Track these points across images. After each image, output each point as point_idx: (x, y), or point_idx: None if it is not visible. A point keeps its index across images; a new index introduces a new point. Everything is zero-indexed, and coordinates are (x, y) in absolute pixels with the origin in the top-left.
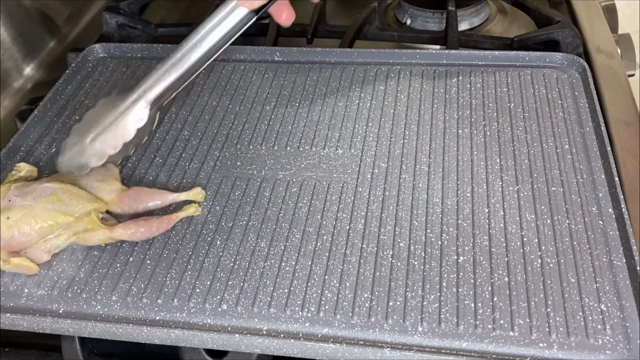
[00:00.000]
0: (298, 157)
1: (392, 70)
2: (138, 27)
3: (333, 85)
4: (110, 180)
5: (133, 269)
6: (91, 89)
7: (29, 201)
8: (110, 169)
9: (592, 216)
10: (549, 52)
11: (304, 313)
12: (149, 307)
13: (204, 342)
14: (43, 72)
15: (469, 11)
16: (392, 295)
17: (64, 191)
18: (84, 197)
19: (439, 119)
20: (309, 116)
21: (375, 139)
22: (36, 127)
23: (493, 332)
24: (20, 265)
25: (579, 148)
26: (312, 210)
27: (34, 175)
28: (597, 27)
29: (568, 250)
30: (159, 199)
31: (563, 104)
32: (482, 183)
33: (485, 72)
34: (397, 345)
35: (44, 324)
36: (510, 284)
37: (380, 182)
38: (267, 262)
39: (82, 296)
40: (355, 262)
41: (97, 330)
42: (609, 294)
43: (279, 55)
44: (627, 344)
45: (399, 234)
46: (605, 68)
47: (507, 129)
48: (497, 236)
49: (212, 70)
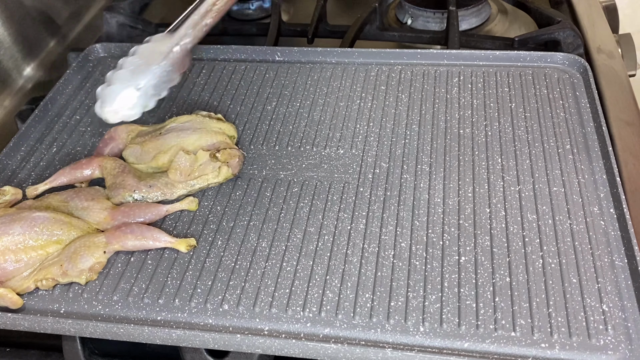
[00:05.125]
0: (299, 157)
1: (393, 70)
2: (138, 27)
3: (334, 85)
4: (100, 199)
5: (134, 269)
6: (92, 88)
7: (18, 230)
8: (99, 189)
9: (594, 216)
10: (550, 52)
11: (306, 313)
12: (150, 307)
13: (206, 342)
14: (43, 72)
15: (470, 11)
16: (394, 295)
17: (55, 221)
18: (75, 225)
19: (440, 119)
20: (310, 116)
21: (376, 139)
22: (37, 127)
23: (495, 332)
24: (4, 297)
25: (580, 148)
26: (313, 210)
27: (18, 198)
28: (598, 27)
29: (569, 250)
30: (152, 212)
31: (564, 104)
32: (483, 183)
33: (487, 72)
34: (399, 346)
35: (45, 324)
36: (511, 284)
37: (381, 182)
38: (269, 262)
39: (83, 296)
40: (356, 262)
41: (98, 330)
42: (611, 294)
43: (279, 55)
44: (628, 344)
45: (401, 234)
46: (606, 68)
47: (508, 129)
48: (499, 236)
49: (213, 70)
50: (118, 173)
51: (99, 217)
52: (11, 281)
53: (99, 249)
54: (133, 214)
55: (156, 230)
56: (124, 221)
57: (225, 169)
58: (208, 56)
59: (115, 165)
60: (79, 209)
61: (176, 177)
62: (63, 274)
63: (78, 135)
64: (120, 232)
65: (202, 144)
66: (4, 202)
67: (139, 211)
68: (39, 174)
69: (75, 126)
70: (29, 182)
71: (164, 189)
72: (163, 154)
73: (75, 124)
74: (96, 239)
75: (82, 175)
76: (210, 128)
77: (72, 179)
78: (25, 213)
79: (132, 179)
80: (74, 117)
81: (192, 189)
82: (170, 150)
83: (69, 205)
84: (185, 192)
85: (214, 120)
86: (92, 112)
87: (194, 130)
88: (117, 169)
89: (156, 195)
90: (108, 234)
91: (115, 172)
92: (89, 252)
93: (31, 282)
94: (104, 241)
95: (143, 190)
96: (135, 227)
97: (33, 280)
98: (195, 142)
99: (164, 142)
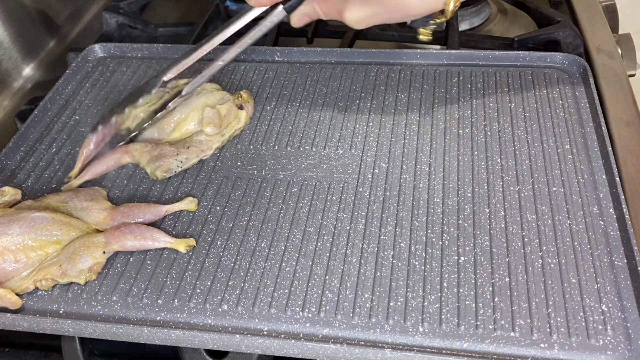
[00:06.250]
0: (299, 157)
1: (393, 70)
2: (138, 27)
3: (333, 85)
4: (100, 200)
5: (133, 269)
6: (91, 88)
7: (17, 230)
8: (98, 189)
9: (593, 216)
10: (549, 52)
11: (305, 313)
12: (149, 307)
13: (205, 342)
14: (43, 72)
15: (470, 11)
16: (393, 295)
17: (54, 221)
18: (74, 226)
19: (440, 119)
20: (310, 116)
21: (375, 139)
22: (36, 127)
23: (494, 332)
24: (3, 298)
25: (579, 148)
26: (312, 211)
27: (17, 198)
28: (597, 27)
29: (569, 250)
30: (152, 212)
31: (564, 104)
32: (482, 183)
33: (486, 72)
34: (398, 346)
35: (44, 324)
36: (511, 284)
37: (381, 182)
38: (268, 263)
39: (83, 296)
40: (355, 262)
41: (98, 330)
42: (610, 294)
43: (279, 55)
44: (628, 345)
45: (400, 234)
46: (605, 68)
47: (507, 129)
48: (498, 236)
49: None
50: (152, 148)
51: (98, 218)
52: (10, 281)
53: (98, 249)
54: (132, 214)
55: (155, 231)
56: (123, 221)
57: (244, 114)
58: (207, 56)
59: (143, 144)
60: (78, 209)
61: (212, 130)
62: (62, 274)
63: (78, 135)
64: (119, 232)
65: (213, 100)
66: (3, 202)
67: (138, 211)
68: (39, 174)
69: (75, 126)
70: (29, 182)
71: (201, 145)
72: (184, 121)
73: (75, 124)
74: (95, 239)
75: (112, 164)
76: (208, 89)
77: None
78: (25, 213)
79: (168, 147)
80: (74, 117)
81: (223, 140)
82: (191, 114)
83: (68, 205)
84: (219, 145)
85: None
86: (92, 112)
87: (198, 95)
88: (147, 146)
89: (195, 153)
90: (107, 234)
91: (147, 148)
92: (88, 253)
93: (30, 282)
94: (103, 241)
95: (183, 152)
96: (135, 227)
97: (32, 280)
98: (207, 101)
99: (178, 112)
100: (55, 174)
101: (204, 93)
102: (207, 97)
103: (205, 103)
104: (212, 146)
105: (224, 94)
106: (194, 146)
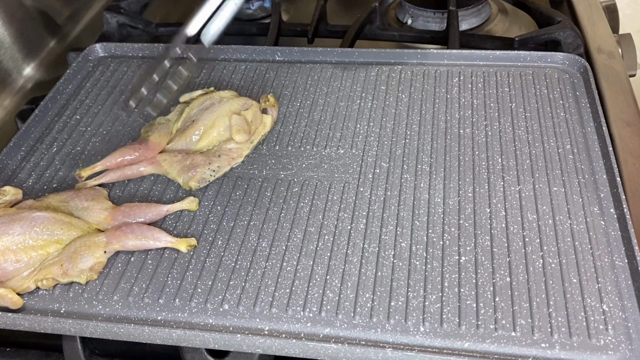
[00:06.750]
0: (299, 157)
1: (394, 70)
2: (139, 27)
3: (334, 85)
4: (101, 199)
5: (134, 268)
6: (92, 88)
7: (18, 230)
8: (99, 189)
9: (594, 216)
10: (550, 52)
11: (306, 313)
12: (150, 307)
13: (206, 342)
14: (43, 71)
15: (470, 11)
16: (394, 295)
17: (55, 221)
18: (75, 225)
19: (441, 119)
20: (310, 116)
21: (376, 138)
22: (37, 126)
23: (495, 332)
24: (4, 297)
25: (580, 148)
26: (313, 210)
27: (18, 198)
28: (598, 27)
29: (570, 250)
30: (153, 212)
31: (564, 104)
32: (483, 183)
33: (487, 72)
34: (399, 346)
35: (45, 324)
36: (512, 284)
37: (381, 182)
38: (269, 262)
39: (84, 296)
40: (356, 262)
41: (99, 330)
42: (611, 294)
43: (280, 55)
44: (629, 344)
45: (401, 233)
46: (606, 68)
47: (508, 129)
48: (499, 236)
49: (213, 69)
50: (182, 157)
51: (99, 217)
52: (11, 281)
53: (100, 248)
54: (133, 214)
55: (156, 230)
56: (124, 221)
57: (269, 118)
58: (208, 56)
59: (172, 154)
60: (79, 209)
61: (243, 138)
62: (63, 274)
63: (78, 135)
64: (120, 231)
65: (237, 107)
66: (4, 202)
67: (139, 211)
68: (39, 174)
69: (75, 126)
70: (30, 182)
71: (231, 154)
72: (210, 129)
73: (75, 124)
74: (96, 238)
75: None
76: (228, 96)
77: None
78: (25, 213)
79: (199, 156)
80: (74, 117)
81: (252, 146)
82: (216, 121)
83: (69, 205)
84: (248, 152)
85: (218, 92)
86: (92, 112)
87: (220, 102)
88: (177, 155)
89: (227, 161)
90: (108, 234)
91: (178, 158)
92: (89, 252)
93: (31, 282)
94: (105, 241)
95: (215, 161)
96: (136, 227)
97: (33, 280)
98: (230, 108)
99: (202, 121)
100: (56, 173)
101: (225, 101)
102: (229, 104)
103: (230, 110)
104: (242, 154)
105: (246, 100)
106: (224, 154)
